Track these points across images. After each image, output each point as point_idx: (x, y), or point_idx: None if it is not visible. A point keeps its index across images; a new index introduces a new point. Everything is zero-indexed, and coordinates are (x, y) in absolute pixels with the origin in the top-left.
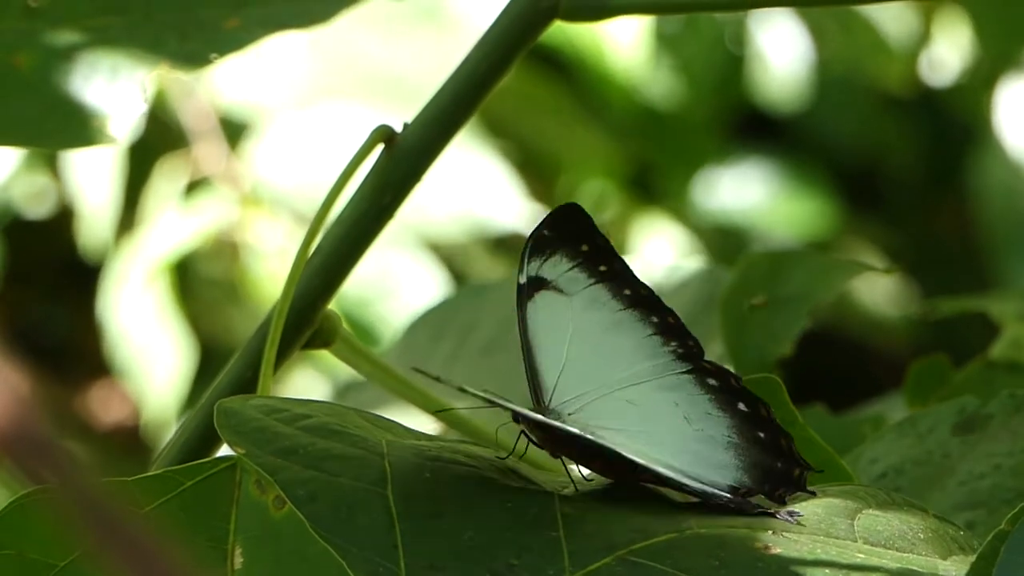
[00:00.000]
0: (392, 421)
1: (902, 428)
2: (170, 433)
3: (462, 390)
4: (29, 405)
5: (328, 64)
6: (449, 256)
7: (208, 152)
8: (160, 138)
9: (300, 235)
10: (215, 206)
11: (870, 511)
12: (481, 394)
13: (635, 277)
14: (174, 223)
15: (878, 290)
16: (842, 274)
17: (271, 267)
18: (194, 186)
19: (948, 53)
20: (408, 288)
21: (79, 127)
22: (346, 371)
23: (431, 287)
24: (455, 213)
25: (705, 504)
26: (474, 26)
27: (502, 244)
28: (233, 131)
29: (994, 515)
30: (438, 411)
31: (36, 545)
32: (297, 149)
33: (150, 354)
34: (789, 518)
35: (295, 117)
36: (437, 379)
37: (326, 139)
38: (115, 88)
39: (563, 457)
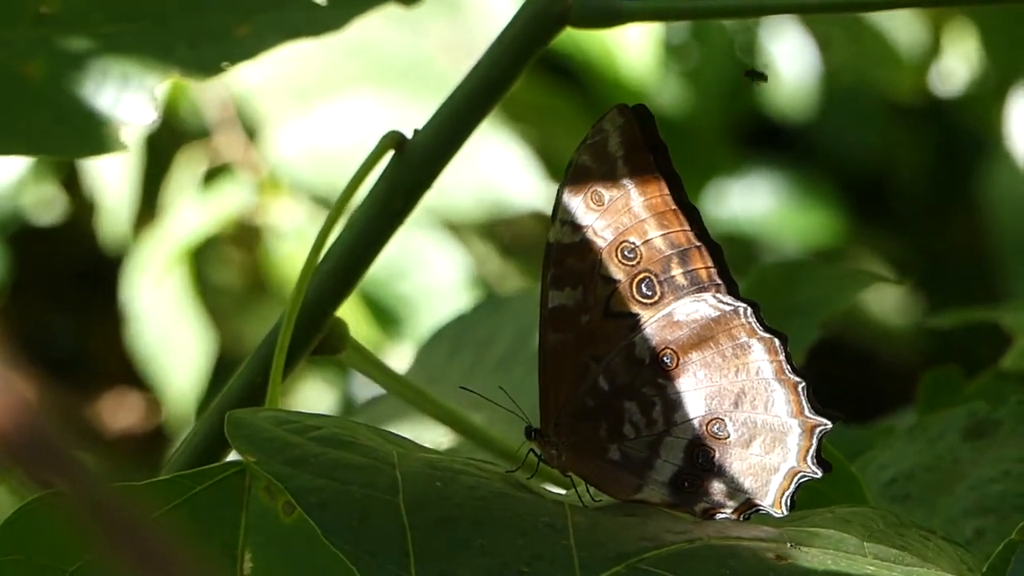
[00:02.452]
0: (402, 437)
1: (912, 434)
2: (187, 429)
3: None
4: (37, 411)
5: (343, 51)
6: (467, 241)
7: (226, 140)
8: (179, 128)
9: (319, 217)
10: (235, 192)
11: (878, 530)
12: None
13: None
14: (194, 210)
15: (886, 301)
16: (854, 285)
17: (291, 249)
18: (213, 173)
19: (957, 64)
20: (429, 268)
21: (90, 135)
22: (355, 384)
23: (452, 268)
24: (473, 192)
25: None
26: (488, 15)
27: (516, 243)
28: (251, 118)
29: (1004, 522)
30: (461, 387)
31: (45, 550)
32: (314, 134)
33: (171, 344)
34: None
35: (312, 103)
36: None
37: (342, 125)
38: (126, 96)
39: (573, 476)
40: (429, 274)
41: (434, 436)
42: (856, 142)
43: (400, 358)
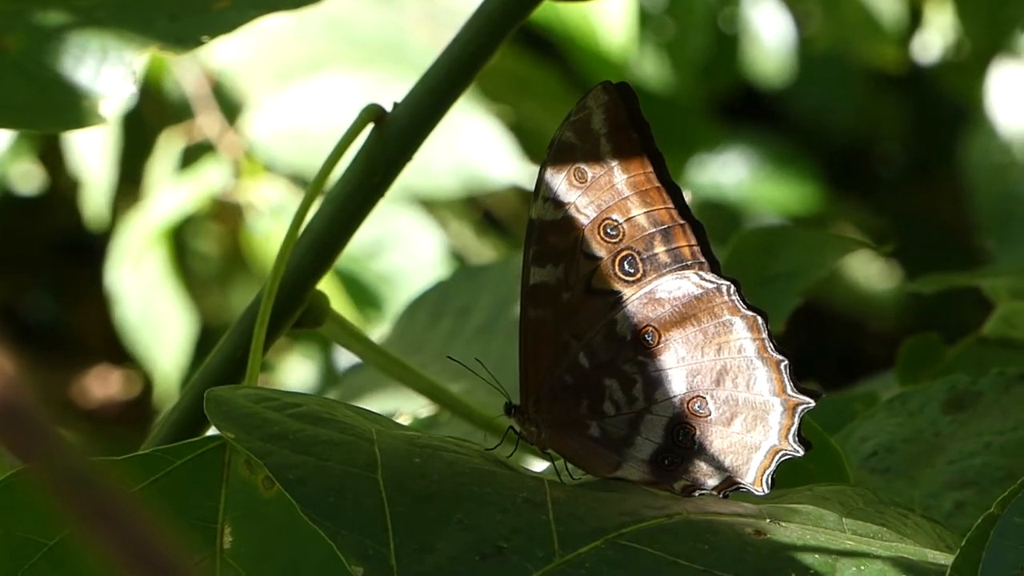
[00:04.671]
0: (381, 415)
1: (892, 406)
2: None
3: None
4: (17, 384)
5: (322, 30)
6: (440, 222)
7: (205, 120)
8: (159, 109)
9: (296, 196)
10: (213, 172)
11: (857, 508)
12: (491, 380)
13: None
14: (173, 190)
15: (868, 267)
16: (834, 251)
17: (269, 228)
18: (193, 153)
19: (938, 34)
20: (406, 246)
21: (69, 108)
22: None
23: (429, 245)
24: (450, 169)
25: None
26: None
27: (489, 219)
28: (228, 98)
29: (984, 495)
30: (449, 356)
31: (25, 523)
32: (292, 114)
33: (154, 322)
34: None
35: (290, 82)
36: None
37: (320, 104)
38: (105, 69)
39: (552, 453)
40: (406, 252)
41: (415, 406)
42: (836, 111)
43: (379, 336)
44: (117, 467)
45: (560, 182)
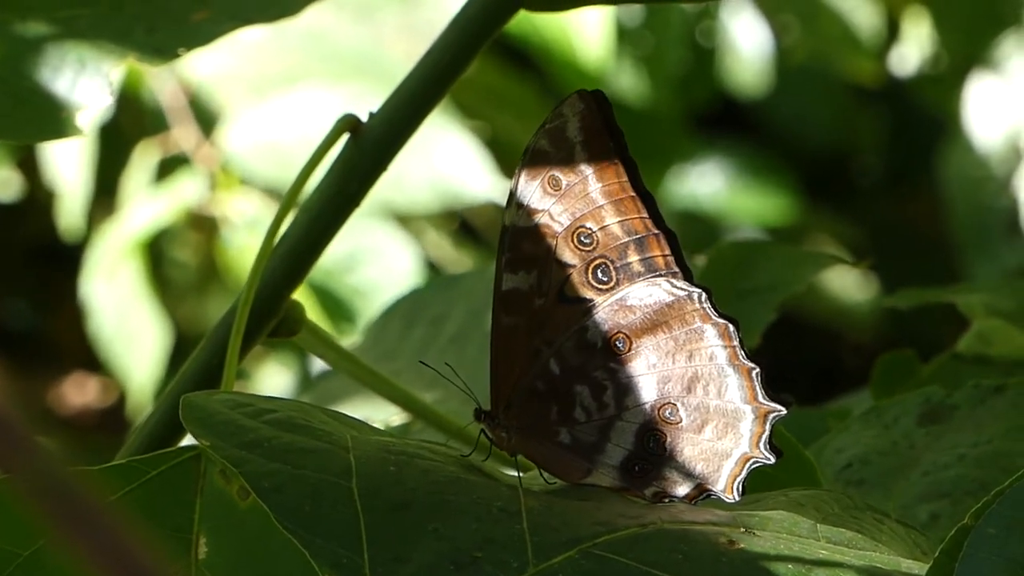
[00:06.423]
0: (357, 419)
1: (867, 418)
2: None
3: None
4: None
5: (298, 43)
6: (417, 232)
7: (181, 132)
8: (134, 123)
9: (272, 209)
10: (189, 184)
11: (833, 513)
12: (459, 384)
13: None
14: (148, 202)
15: (845, 280)
16: (811, 266)
17: (244, 241)
18: (168, 165)
19: (915, 47)
20: (381, 260)
21: (47, 119)
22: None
23: (403, 259)
24: (425, 184)
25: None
26: (442, 5)
27: (465, 228)
28: (205, 110)
29: (958, 506)
30: (421, 361)
31: (0, 534)
32: (268, 127)
33: (129, 334)
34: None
35: (266, 95)
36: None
37: (296, 117)
38: (82, 80)
39: (523, 459)
40: (381, 266)
41: (387, 414)
42: (813, 123)
43: (352, 343)
44: (92, 477)
45: (534, 189)
